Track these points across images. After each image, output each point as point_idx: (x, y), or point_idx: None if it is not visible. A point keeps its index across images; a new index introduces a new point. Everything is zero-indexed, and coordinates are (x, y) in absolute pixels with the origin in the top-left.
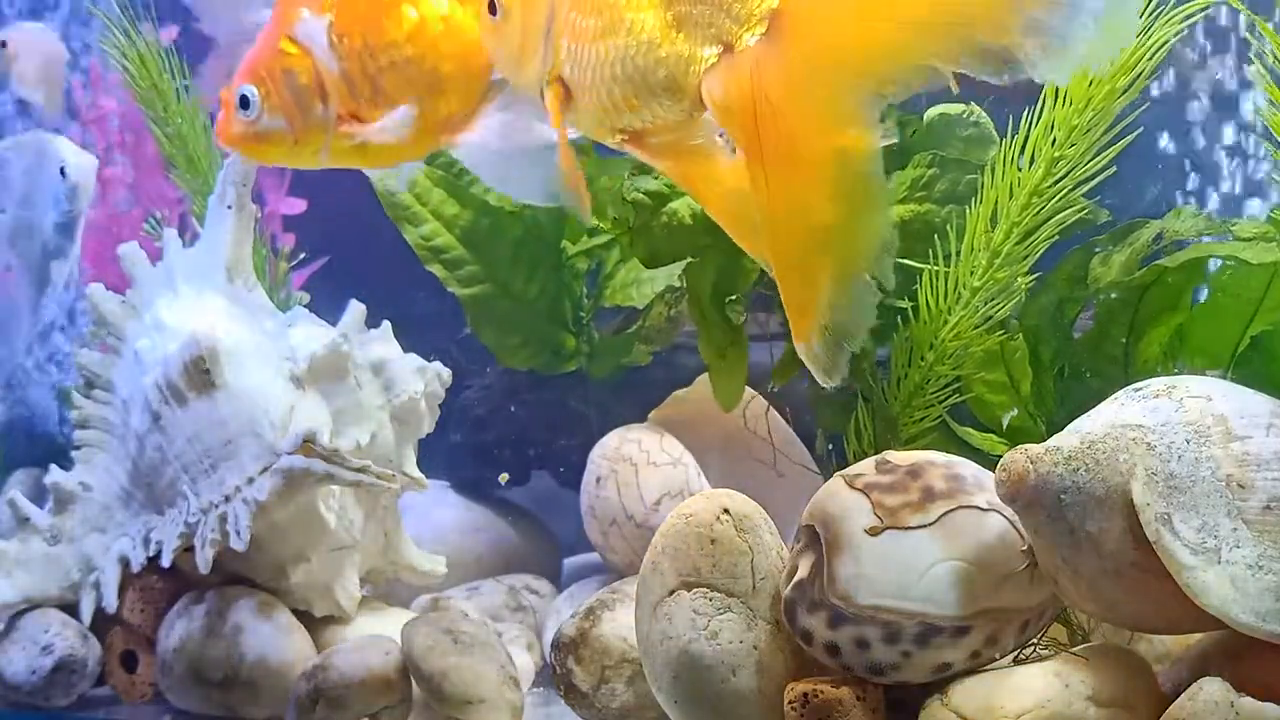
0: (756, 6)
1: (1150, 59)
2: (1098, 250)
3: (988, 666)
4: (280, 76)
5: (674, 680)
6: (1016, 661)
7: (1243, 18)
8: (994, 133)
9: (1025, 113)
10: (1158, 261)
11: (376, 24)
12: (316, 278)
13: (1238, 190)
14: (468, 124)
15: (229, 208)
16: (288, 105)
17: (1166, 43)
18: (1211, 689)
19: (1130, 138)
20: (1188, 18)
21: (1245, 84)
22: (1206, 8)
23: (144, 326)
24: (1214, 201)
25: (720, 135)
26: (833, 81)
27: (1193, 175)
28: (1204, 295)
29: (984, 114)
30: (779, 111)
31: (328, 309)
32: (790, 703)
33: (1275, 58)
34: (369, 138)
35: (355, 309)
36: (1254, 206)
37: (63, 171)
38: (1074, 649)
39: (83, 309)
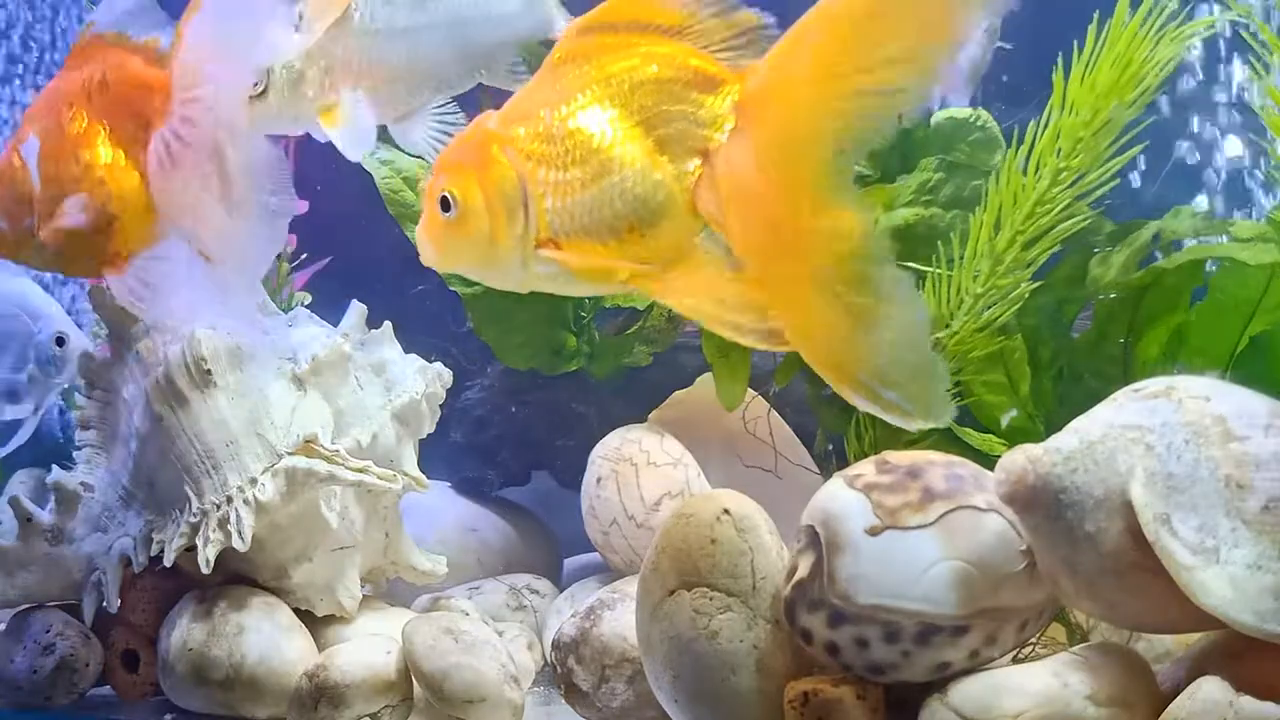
0: (720, 105)
1: (1159, 72)
2: (1096, 251)
3: (987, 666)
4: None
5: (674, 679)
6: (1016, 661)
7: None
8: (1001, 137)
9: (1031, 121)
10: (1156, 262)
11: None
12: (318, 278)
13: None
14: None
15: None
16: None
17: (1174, 56)
18: (1210, 688)
19: (1135, 150)
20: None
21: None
22: (1212, 25)
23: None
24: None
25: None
26: (802, 151)
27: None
28: (1204, 295)
29: (991, 118)
30: (760, 198)
31: (329, 309)
32: (790, 702)
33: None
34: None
35: (356, 309)
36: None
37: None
38: (1073, 648)
39: (84, 309)
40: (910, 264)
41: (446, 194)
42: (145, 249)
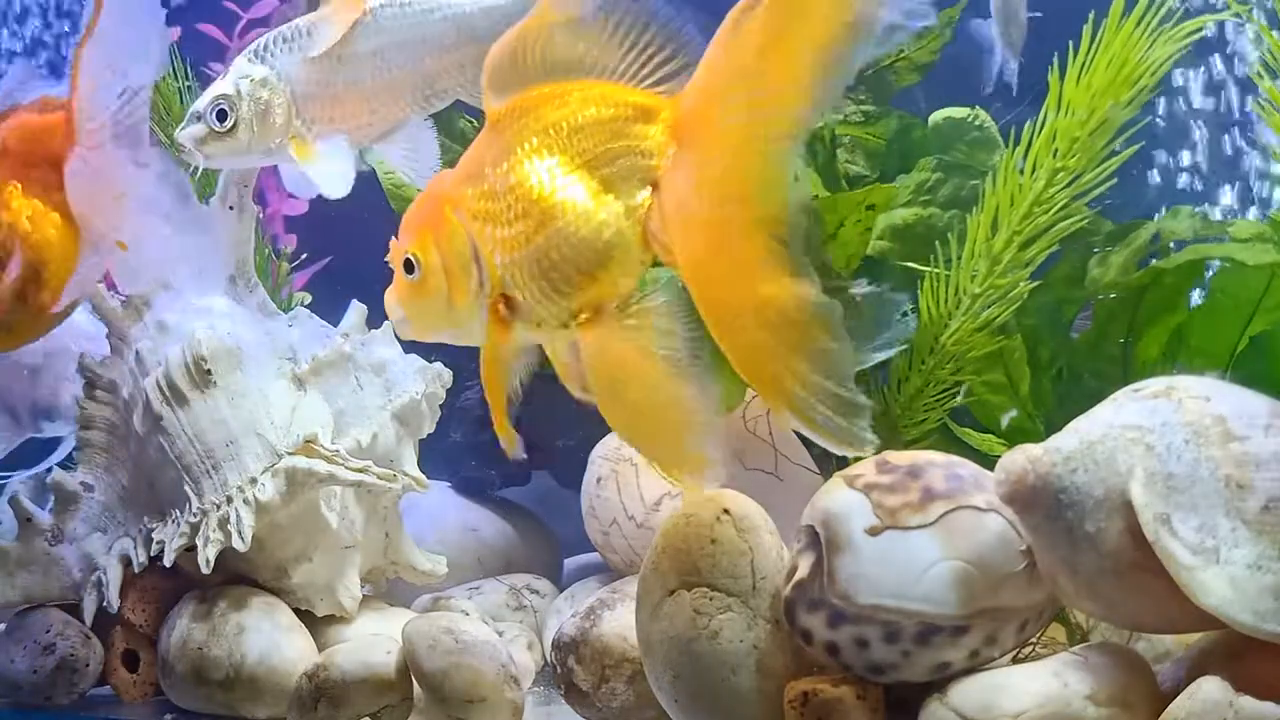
0: (660, 133)
1: (1153, 74)
2: (1095, 251)
3: (987, 666)
4: None
5: (674, 679)
6: (1015, 661)
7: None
8: (998, 137)
9: (1029, 121)
10: (1155, 262)
11: None
12: (318, 278)
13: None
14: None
15: (230, 208)
16: None
17: (1170, 57)
18: (1210, 688)
19: (1132, 150)
20: (1190, 33)
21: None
22: (1204, 26)
23: (145, 327)
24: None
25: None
26: (739, 162)
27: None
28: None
29: (989, 118)
30: (703, 216)
31: (329, 310)
32: (790, 702)
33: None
34: None
35: (357, 310)
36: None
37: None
38: (1073, 648)
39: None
40: (911, 264)
41: (409, 256)
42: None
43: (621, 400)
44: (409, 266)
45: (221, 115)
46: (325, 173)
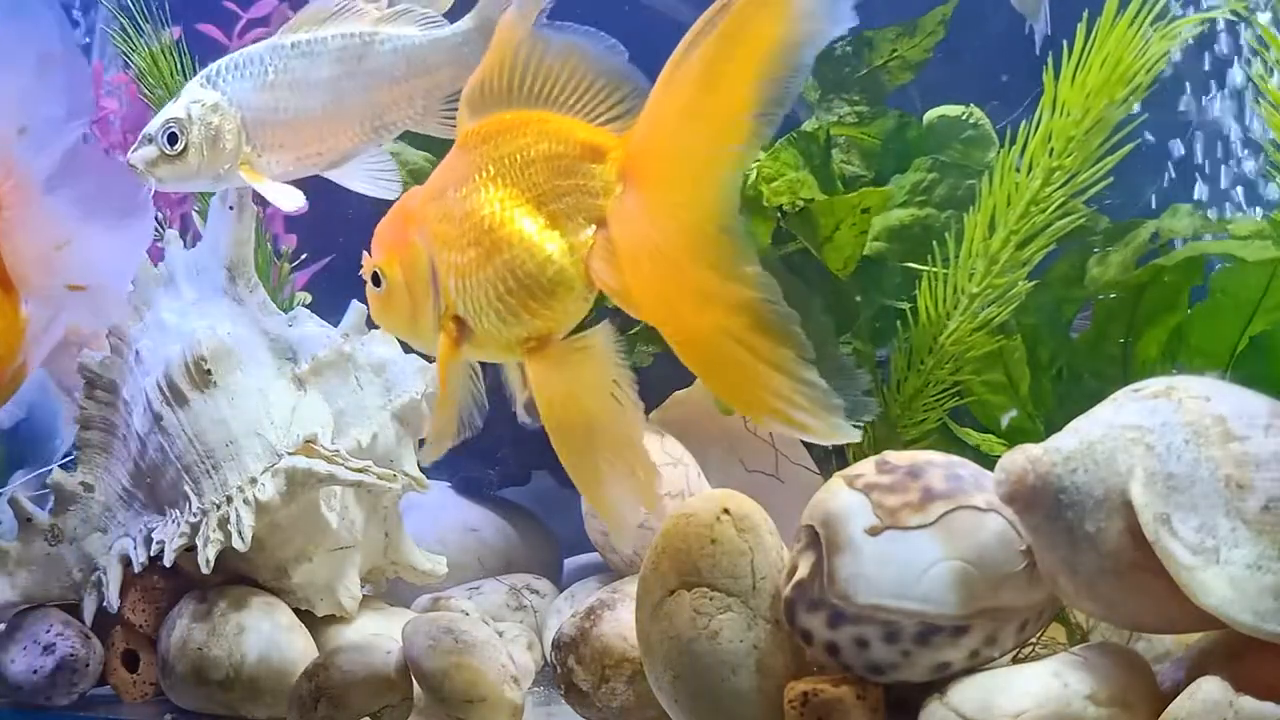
0: (609, 172)
1: (1148, 71)
2: (1095, 251)
3: (987, 666)
4: None
5: (674, 680)
6: (1015, 661)
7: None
8: (994, 135)
9: (1024, 121)
10: (1155, 261)
11: None
12: (318, 278)
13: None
14: None
15: (231, 208)
16: None
17: (1164, 54)
18: (1210, 688)
19: (1127, 148)
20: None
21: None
22: (1203, 21)
23: (145, 327)
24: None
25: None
26: (687, 197)
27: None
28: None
29: (984, 117)
30: (657, 253)
31: (329, 310)
32: (790, 702)
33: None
34: None
35: (357, 310)
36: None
37: None
38: (1073, 648)
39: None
40: (908, 264)
41: (375, 270)
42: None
43: (564, 428)
44: (376, 280)
45: (172, 139)
46: (273, 190)
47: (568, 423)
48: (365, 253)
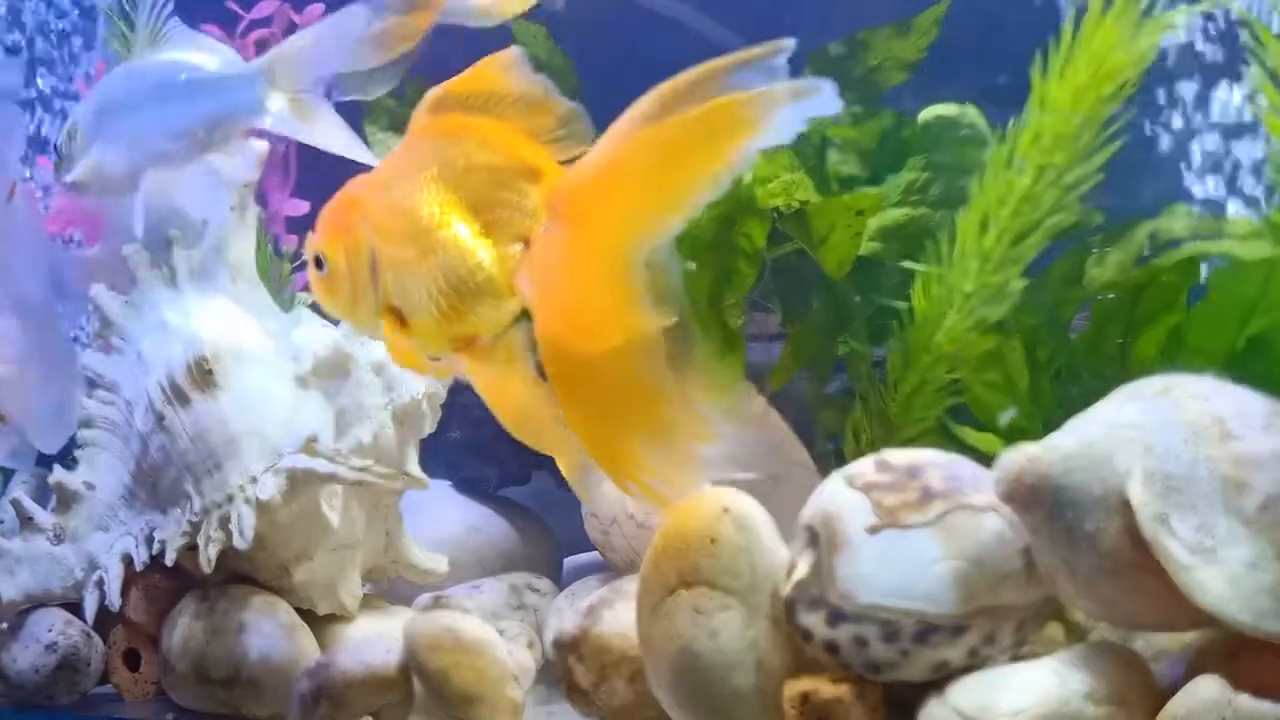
0: (537, 197)
1: (1137, 65)
2: (1094, 252)
3: (986, 664)
4: None
5: (674, 678)
6: (1014, 659)
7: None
8: (988, 134)
9: (1012, 119)
10: (1153, 261)
11: None
12: None
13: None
14: None
15: (232, 209)
16: None
17: (1153, 48)
18: (1208, 687)
19: (1118, 144)
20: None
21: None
22: (1192, 13)
23: (147, 327)
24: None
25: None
26: (599, 253)
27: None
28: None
29: (978, 115)
30: (559, 292)
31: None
32: (789, 701)
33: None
34: None
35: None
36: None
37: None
38: (1072, 647)
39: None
40: (903, 263)
41: (318, 253)
42: None
43: (502, 416)
44: (318, 263)
45: (56, 148)
46: (194, 199)
47: (504, 410)
48: (310, 232)
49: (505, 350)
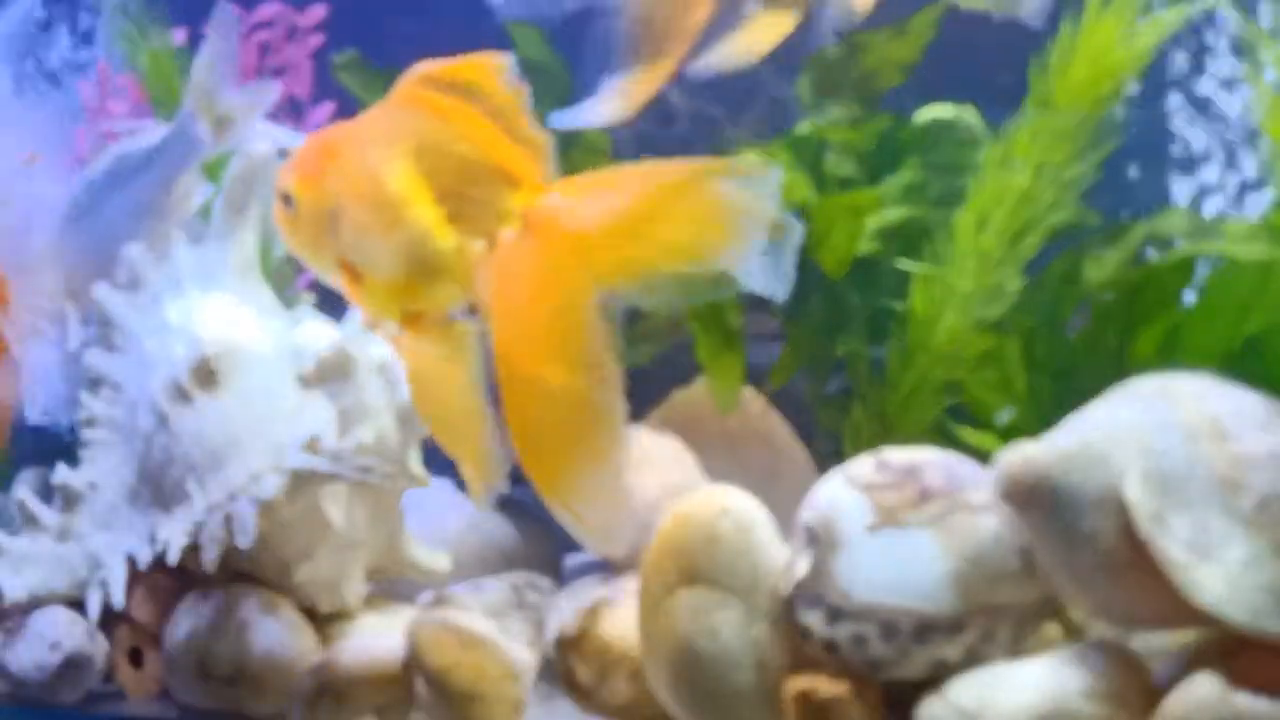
0: (512, 204)
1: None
2: (1093, 252)
3: (984, 663)
4: None
5: (675, 677)
6: (1012, 657)
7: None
8: (985, 135)
9: (1008, 118)
10: (1149, 261)
11: None
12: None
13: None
14: None
15: (234, 208)
16: None
17: (1150, 47)
18: (1205, 685)
19: (1115, 143)
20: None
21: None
22: (1190, 12)
23: (150, 326)
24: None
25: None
26: (570, 279)
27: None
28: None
29: (975, 116)
30: (516, 307)
31: (331, 309)
32: (789, 699)
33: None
34: None
35: (359, 310)
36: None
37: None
38: (1069, 645)
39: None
40: (901, 263)
41: (286, 191)
42: None
43: (426, 399)
44: (286, 200)
45: None
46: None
47: (426, 398)
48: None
49: (455, 340)
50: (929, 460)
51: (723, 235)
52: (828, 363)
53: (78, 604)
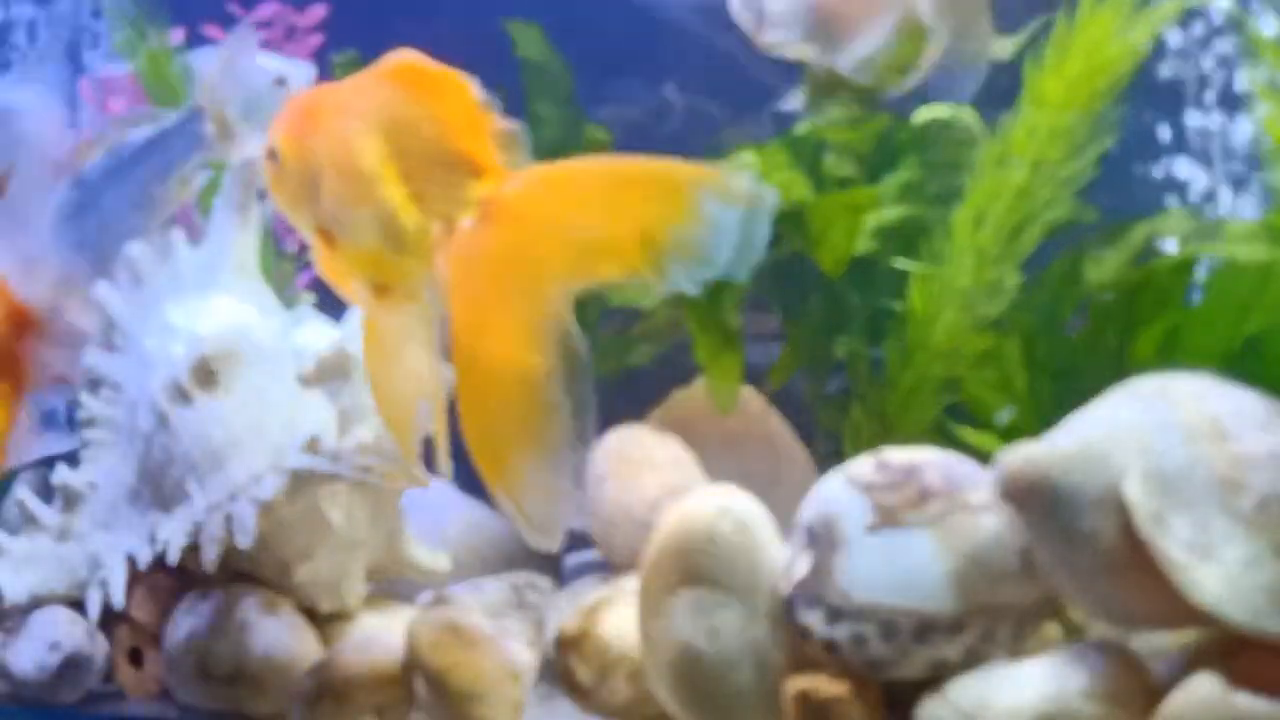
0: (472, 192)
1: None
2: (1093, 252)
3: (984, 662)
4: None
5: (674, 677)
6: (1012, 657)
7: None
8: (983, 134)
9: (1004, 116)
10: (1149, 261)
11: None
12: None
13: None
14: None
15: (235, 208)
16: None
17: (1146, 43)
18: (1204, 685)
19: (1110, 140)
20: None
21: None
22: (1186, 7)
23: (150, 326)
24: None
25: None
26: (525, 270)
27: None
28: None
29: (973, 115)
30: (472, 294)
31: (331, 308)
32: (789, 699)
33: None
34: None
35: (360, 310)
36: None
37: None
38: (1069, 645)
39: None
40: (899, 261)
41: (273, 147)
42: None
43: (378, 368)
44: (273, 155)
45: None
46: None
47: (380, 375)
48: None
49: (417, 318)
50: (929, 460)
51: (684, 231)
52: (827, 362)
53: (78, 604)
